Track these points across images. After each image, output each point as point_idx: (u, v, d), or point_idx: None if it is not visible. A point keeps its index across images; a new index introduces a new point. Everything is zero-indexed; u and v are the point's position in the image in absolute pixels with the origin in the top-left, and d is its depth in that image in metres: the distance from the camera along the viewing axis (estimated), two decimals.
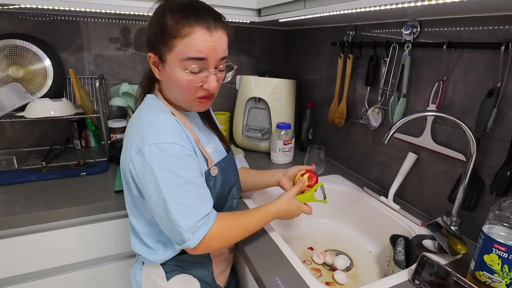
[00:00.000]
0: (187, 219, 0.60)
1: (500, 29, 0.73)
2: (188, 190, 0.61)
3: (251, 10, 1.23)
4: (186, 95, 0.66)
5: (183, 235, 0.61)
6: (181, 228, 0.60)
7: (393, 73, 1.00)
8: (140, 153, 0.59)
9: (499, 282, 0.57)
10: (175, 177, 0.59)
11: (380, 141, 1.12)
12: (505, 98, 0.72)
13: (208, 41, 0.60)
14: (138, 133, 0.61)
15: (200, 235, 0.62)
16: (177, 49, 0.60)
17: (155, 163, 0.58)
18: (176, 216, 0.59)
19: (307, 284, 0.64)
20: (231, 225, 0.69)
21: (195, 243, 0.61)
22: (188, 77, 0.62)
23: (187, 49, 0.60)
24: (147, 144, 0.58)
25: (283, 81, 1.36)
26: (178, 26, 0.59)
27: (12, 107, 1.10)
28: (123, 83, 1.35)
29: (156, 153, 0.58)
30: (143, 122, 0.62)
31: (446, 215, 0.82)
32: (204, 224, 0.63)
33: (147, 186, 0.60)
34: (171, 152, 0.59)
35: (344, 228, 1.09)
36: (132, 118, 0.67)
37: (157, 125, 0.61)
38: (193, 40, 0.59)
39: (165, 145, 0.59)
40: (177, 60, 0.61)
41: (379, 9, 0.78)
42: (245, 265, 0.78)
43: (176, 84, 0.64)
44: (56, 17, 1.25)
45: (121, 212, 0.98)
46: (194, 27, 0.59)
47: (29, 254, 0.91)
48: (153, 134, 0.59)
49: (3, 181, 1.02)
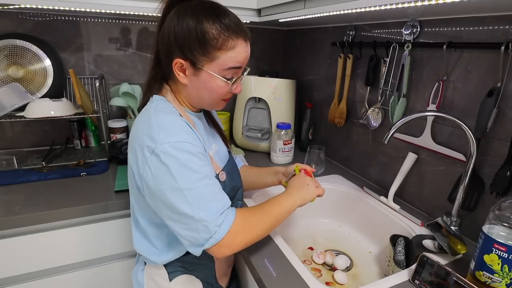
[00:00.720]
0: (211, 213, 0.59)
1: (500, 29, 0.73)
2: (206, 184, 0.61)
3: (251, 10, 1.23)
4: (216, 98, 0.68)
5: (209, 229, 0.59)
6: (205, 222, 0.58)
7: (393, 73, 1.00)
8: (154, 153, 0.58)
9: (499, 282, 0.57)
10: (192, 173, 0.59)
11: (380, 141, 1.12)
12: (505, 98, 0.72)
13: (246, 51, 0.65)
14: (148, 134, 0.60)
15: (226, 226, 0.60)
16: (219, 60, 0.62)
17: (170, 161, 0.57)
18: (198, 212, 0.58)
19: (307, 284, 0.64)
20: (254, 215, 0.68)
21: (222, 235, 0.60)
22: (226, 85, 0.65)
23: (230, 60, 0.63)
24: (159, 144, 0.58)
25: (283, 81, 1.36)
26: (223, 38, 0.61)
27: (12, 107, 1.10)
28: (123, 83, 1.35)
29: (170, 151, 0.58)
30: (153, 123, 0.61)
31: (446, 215, 0.83)
32: (227, 214, 0.62)
33: (163, 186, 0.58)
34: (184, 150, 0.59)
35: (344, 228, 1.09)
36: (139, 119, 0.66)
37: (167, 126, 0.61)
38: (236, 52, 0.63)
39: (177, 144, 0.59)
40: (217, 70, 0.63)
41: (379, 9, 0.78)
42: (246, 265, 0.78)
43: (209, 90, 0.66)
44: (56, 17, 1.25)
45: (121, 212, 0.98)
46: (237, 39, 0.62)
47: (29, 254, 0.91)
48: (164, 134, 0.59)
49: (3, 181, 1.02)
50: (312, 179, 0.79)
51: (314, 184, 0.78)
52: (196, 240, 0.60)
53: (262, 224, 0.68)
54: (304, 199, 0.75)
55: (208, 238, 0.59)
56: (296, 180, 0.79)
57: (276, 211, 0.70)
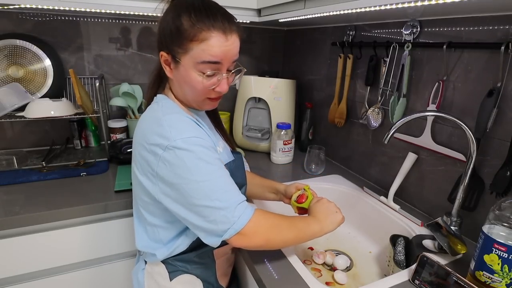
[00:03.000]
0: (229, 202, 0.60)
1: (500, 29, 0.73)
2: (221, 175, 0.62)
3: (251, 10, 1.23)
4: (198, 96, 0.67)
5: (228, 218, 0.59)
6: (224, 212, 0.59)
7: (393, 73, 1.00)
8: (168, 149, 0.59)
9: (499, 282, 0.57)
10: (207, 165, 0.60)
11: (380, 141, 1.12)
12: (505, 98, 0.72)
13: (224, 45, 0.62)
14: (158, 133, 0.61)
15: (246, 216, 0.61)
16: (193, 53, 0.61)
17: (185, 155, 0.59)
18: (216, 202, 0.59)
19: (307, 284, 0.65)
20: (279, 219, 0.67)
21: (241, 225, 0.60)
22: (202, 80, 0.64)
23: (203, 53, 0.61)
24: (172, 140, 0.59)
25: (283, 81, 1.36)
26: (195, 29, 0.60)
27: (12, 107, 1.10)
28: (123, 83, 1.36)
29: (184, 146, 0.59)
30: (163, 123, 0.62)
31: (446, 215, 0.82)
32: (246, 207, 0.62)
33: (180, 180, 0.59)
34: (197, 144, 0.60)
35: (344, 228, 1.08)
36: (146, 118, 0.67)
37: (178, 124, 0.63)
38: (209, 45, 0.60)
39: (190, 139, 0.60)
40: (192, 63, 0.62)
41: (379, 9, 0.78)
42: (246, 265, 0.78)
43: (188, 85, 0.65)
44: (56, 17, 1.25)
45: (121, 212, 0.98)
46: (211, 32, 0.60)
47: (29, 254, 0.91)
48: (175, 132, 0.60)
49: (3, 181, 1.02)
50: (335, 206, 0.77)
51: (339, 210, 0.76)
52: (215, 231, 0.60)
53: (286, 230, 0.67)
54: (332, 226, 0.73)
55: (226, 229, 0.60)
56: (321, 207, 0.76)
57: (302, 227, 0.69)
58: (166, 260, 0.73)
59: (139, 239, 0.74)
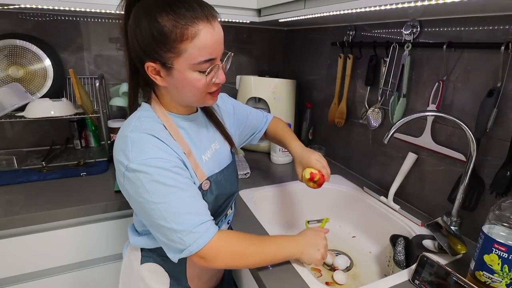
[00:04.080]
0: (185, 226, 0.59)
1: (500, 29, 0.73)
2: (180, 198, 0.60)
3: (251, 10, 1.23)
4: (200, 94, 0.65)
5: (184, 241, 0.59)
6: (180, 234, 0.59)
7: (393, 73, 1.00)
8: (128, 169, 0.59)
9: (499, 282, 0.57)
10: (164, 187, 0.59)
11: (380, 141, 1.11)
12: (505, 98, 0.72)
13: (213, 35, 0.58)
14: (122, 150, 0.61)
15: (203, 240, 0.60)
16: (187, 54, 0.58)
17: (142, 177, 0.58)
18: (173, 224, 0.59)
19: (307, 284, 0.65)
20: (241, 240, 0.66)
21: (197, 248, 0.60)
22: (202, 78, 0.61)
23: (198, 52, 0.58)
24: (131, 161, 0.58)
25: (283, 81, 1.36)
26: (180, 27, 0.56)
27: (12, 107, 1.10)
28: (123, 83, 1.35)
29: (141, 168, 0.58)
30: (127, 141, 0.61)
31: (446, 215, 0.83)
32: (206, 230, 0.61)
33: (140, 199, 0.60)
34: (155, 165, 0.59)
35: (344, 228, 1.08)
36: (121, 128, 0.66)
37: (140, 144, 0.61)
38: (201, 40, 0.57)
39: (148, 160, 0.59)
40: (187, 65, 0.59)
41: (379, 9, 0.78)
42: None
43: (187, 87, 0.63)
44: (56, 17, 1.25)
45: (121, 212, 0.98)
46: (197, 24, 0.56)
47: (29, 254, 0.91)
48: (135, 153, 0.59)
49: (3, 181, 1.02)
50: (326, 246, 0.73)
51: (324, 252, 0.72)
52: (173, 248, 0.62)
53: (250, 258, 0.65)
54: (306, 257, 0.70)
55: (183, 249, 0.60)
56: (312, 235, 0.74)
57: (273, 252, 0.68)
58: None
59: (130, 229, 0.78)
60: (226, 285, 0.92)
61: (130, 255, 0.78)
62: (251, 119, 0.94)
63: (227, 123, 0.85)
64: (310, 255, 0.70)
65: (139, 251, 0.76)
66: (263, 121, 0.98)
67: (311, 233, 0.75)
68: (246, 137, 0.97)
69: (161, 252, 0.72)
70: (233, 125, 0.88)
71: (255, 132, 0.97)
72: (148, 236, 0.72)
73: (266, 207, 1.05)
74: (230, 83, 1.60)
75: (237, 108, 0.91)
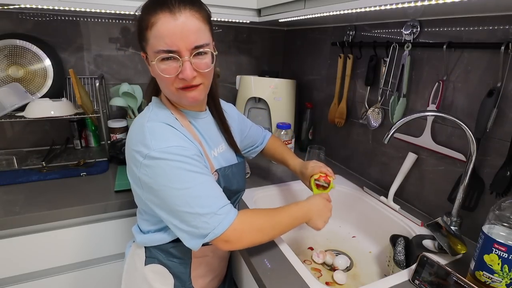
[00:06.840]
0: (210, 209, 0.60)
1: (500, 29, 0.73)
2: (202, 182, 0.62)
3: (251, 10, 1.23)
4: (167, 87, 0.65)
5: (209, 224, 0.60)
6: (205, 218, 0.59)
7: (393, 73, 1.00)
8: (148, 158, 0.59)
9: (499, 282, 0.57)
10: (187, 172, 0.60)
11: (380, 141, 1.12)
12: (505, 98, 0.72)
13: (172, 26, 0.57)
14: (141, 141, 0.61)
15: (227, 221, 0.61)
16: (150, 43, 0.61)
17: (164, 164, 0.59)
18: (197, 209, 0.59)
19: (307, 284, 0.65)
20: (260, 215, 0.69)
21: (222, 230, 0.60)
22: (161, 66, 0.61)
23: (157, 41, 0.59)
24: (152, 150, 0.59)
25: (283, 81, 1.36)
26: (145, 17, 0.60)
27: (12, 107, 1.10)
28: (123, 83, 1.35)
29: (162, 156, 0.59)
30: (145, 132, 0.62)
31: (446, 215, 0.83)
32: (228, 211, 0.62)
33: (162, 187, 0.60)
34: (176, 153, 0.60)
35: (344, 228, 1.09)
36: (135, 124, 0.66)
37: (159, 132, 0.62)
38: (158, 29, 0.58)
39: (169, 148, 0.60)
40: (152, 54, 0.61)
41: (379, 9, 0.78)
42: (245, 265, 0.78)
43: (158, 79, 0.65)
44: (56, 17, 1.25)
45: (121, 212, 0.98)
46: (157, 14, 0.58)
47: (29, 254, 0.91)
48: (155, 141, 0.60)
49: (3, 181, 1.02)
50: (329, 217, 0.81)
51: (326, 222, 0.79)
52: (196, 234, 0.61)
53: (270, 231, 0.69)
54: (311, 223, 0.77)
55: (206, 233, 0.60)
56: (322, 206, 0.80)
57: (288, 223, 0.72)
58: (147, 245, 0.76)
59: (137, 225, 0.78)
60: (229, 284, 0.92)
61: (134, 256, 0.78)
62: (252, 131, 0.99)
63: (232, 128, 0.86)
64: (315, 223, 0.77)
65: (143, 252, 0.76)
66: (262, 135, 1.03)
67: (322, 205, 0.80)
68: (245, 148, 0.99)
69: (164, 247, 0.73)
70: (236, 131, 0.89)
71: (253, 145, 1.01)
72: (155, 233, 0.72)
73: (266, 207, 1.05)
74: (230, 83, 1.60)
75: (241, 117, 0.94)
